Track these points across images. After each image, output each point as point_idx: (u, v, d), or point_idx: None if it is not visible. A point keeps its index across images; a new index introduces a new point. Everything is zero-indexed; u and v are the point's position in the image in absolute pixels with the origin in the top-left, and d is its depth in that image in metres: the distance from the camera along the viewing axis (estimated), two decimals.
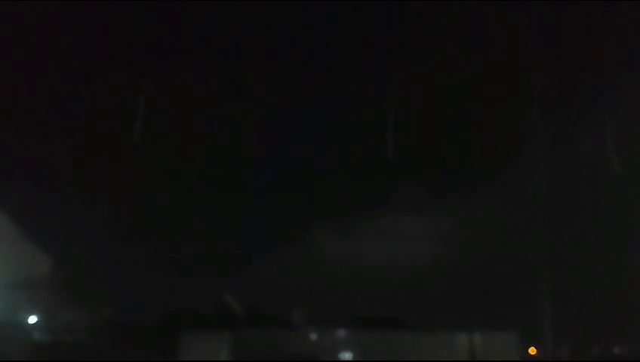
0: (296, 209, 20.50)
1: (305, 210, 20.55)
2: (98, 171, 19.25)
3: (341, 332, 18.52)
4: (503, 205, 20.27)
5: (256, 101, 20.22)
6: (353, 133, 21.19)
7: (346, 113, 21.19)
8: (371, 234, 20.02)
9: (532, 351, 19.17)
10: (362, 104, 21.25)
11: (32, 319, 18.24)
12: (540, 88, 20.46)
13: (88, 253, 18.70)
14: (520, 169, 20.37)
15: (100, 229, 19.16)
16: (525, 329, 18.48)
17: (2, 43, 18.27)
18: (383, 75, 20.85)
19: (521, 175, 20.23)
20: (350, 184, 20.94)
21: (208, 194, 20.27)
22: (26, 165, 18.83)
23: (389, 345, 17.91)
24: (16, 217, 18.33)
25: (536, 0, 20.84)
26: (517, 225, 19.74)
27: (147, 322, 18.28)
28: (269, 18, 20.07)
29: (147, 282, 18.66)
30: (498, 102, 21.18)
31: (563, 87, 21.30)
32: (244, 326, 18.34)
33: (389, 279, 19.23)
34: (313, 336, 18.32)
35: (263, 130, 20.62)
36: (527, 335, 18.70)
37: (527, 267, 18.82)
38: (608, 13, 20.93)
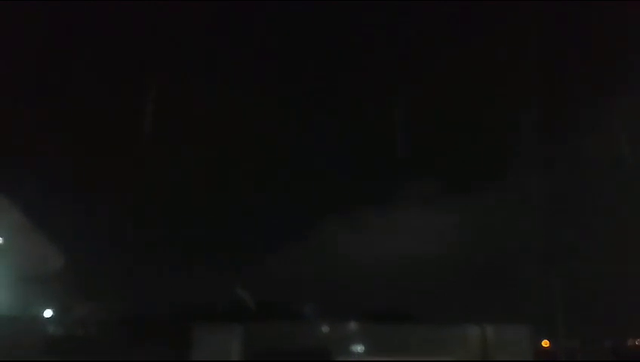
0: (308, 204, 19.89)
1: (316, 206, 19.91)
2: (110, 168, 18.67)
3: (352, 326, 17.56)
4: (515, 199, 19.60)
5: (267, 99, 19.68)
6: (363, 131, 20.66)
7: (356, 112, 20.68)
8: (382, 229, 19.43)
9: (545, 343, 18.18)
10: (372, 103, 20.72)
11: (46, 313, 17.53)
12: (545, 88, 19.90)
13: (101, 248, 18.02)
14: (529, 164, 19.69)
15: (113, 225, 18.47)
16: (538, 322, 17.51)
17: (13, 42, 17.85)
18: (392, 75, 20.37)
19: (532, 170, 19.55)
20: (361, 180, 20.38)
21: (220, 190, 19.62)
22: (40, 164, 18.22)
23: (401, 339, 16.91)
24: (31, 214, 17.65)
25: (538, 0, 20.36)
26: (529, 219, 18.99)
27: (160, 316, 17.39)
28: (280, 18, 19.61)
29: (159, 276, 17.93)
30: (505, 102, 20.64)
31: (566, 86, 20.76)
32: (256, 319, 17.44)
33: (400, 273, 18.47)
34: (325, 329, 17.39)
35: (275, 129, 20.07)
36: (539, 327, 17.71)
37: (539, 260, 17.99)
38: (609, 12, 20.39)
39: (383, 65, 20.64)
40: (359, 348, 17.06)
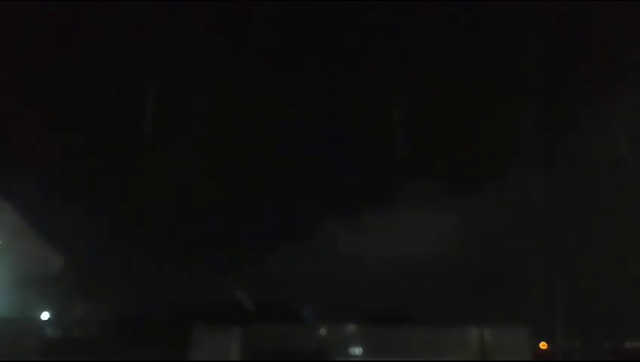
0: (308, 204, 19.72)
1: (315, 207, 19.75)
2: (110, 168, 18.52)
3: (351, 327, 17.45)
4: (515, 199, 19.45)
5: (267, 99, 19.51)
6: (363, 131, 20.50)
7: (356, 112, 20.52)
8: (382, 229, 19.23)
9: (543, 345, 18.05)
10: (372, 103, 20.55)
11: (45, 315, 17.40)
12: (545, 88, 19.76)
13: (101, 248, 17.87)
14: (529, 164, 19.54)
15: (111, 226, 18.32)
16: (537, 323, 17.40)
17: (13, 42, 17.72)
18: (392, 75, 20.22)
19: (532, 170, 19.42)
20: (361, 180, 20.22)
21: (219, 191, 19.47)
22: (39, 165, 18.07)
23: (400, 340, 16.79)
24: (30, 214, 17.52)
25: (538, 0, 20.19)
26: (529, 219, 18.86)
27: (159, 317, 17.25)
28: (280, 18, 19.44)
29: (159, 276, 17.79)
30: (505, 102, 20.48)
31: (566, 86, 20.60)
32: (256, 320, 17.31)
33: (400, 273, 18.31)
34: (324, 331, 17.27)
35: (276, 129, 19.91)
36: (539, 328, 17.60)
37: (539, 260, 17.87)
38: (609, 12, 20.22)
39: (383, 65, 20.45)
40: (358, 350, 16.94)
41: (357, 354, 17.01)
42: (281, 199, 19.51)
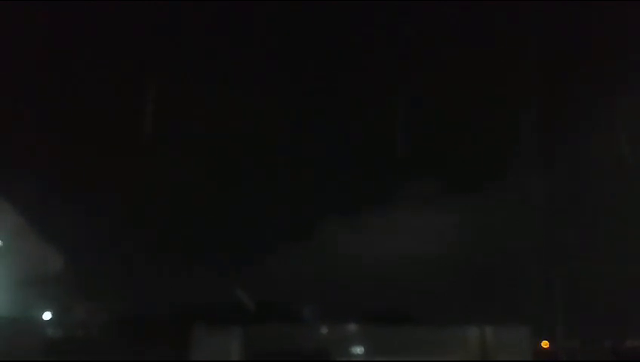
0: (308, 204, 19.66)
1: (316, 206, 19.69)
2: (110, 169, 18.49)
3: (352, 327, 17.42)
4: (515, 199, 19.41)
5: (267, 99, 19.45)
6: (363, 131, 20.44)
7: (356, 112, 20.45)
8: (382, 230, 19.19)
9: (544, 344, 18.02)
10: (372, 103, 20.49)
11: (46, 315, 17.37)
12: (545, 88, 19.71)
13: (101, 249, 17.83)
14: (529, 164, 19.52)
15: (112, 226, 18.27)
16: (538, 322, 17.34)
17: (13, 42, 17.68)
18: (392, 75, 20.17)
19: (532, 170, 19.40)
20: (361, 180, 20.15)
21: (219, 190, 19.42)
22: (39, 165, 18.03)
23: (401, 340, 16.77)
24: (30, 215, 17.48)
25: (538, 0, 20.15)
26: (529, 219, 18.81)
27: (159, 317, 17.23)
28: (280, 18, 19.40)
29: (159, 276, 17.75)
30: (505, 102, 20.43)
31: (566, 86, 20.55)
32: (256, 321, 17.27)
33: (400, 273, 18.26)
34: (324, 331, 17.25)
35: (275, 128, 19.84)
36: (539, 328, 17.55)
37: (539, 260, 17.83)
38: (609, 12, 20.18)
39: (383, 65, 20.41)
40: (359, 349, 16.91)
41: (357, 353, 16.97)
42: (280, 199, 19.46)
